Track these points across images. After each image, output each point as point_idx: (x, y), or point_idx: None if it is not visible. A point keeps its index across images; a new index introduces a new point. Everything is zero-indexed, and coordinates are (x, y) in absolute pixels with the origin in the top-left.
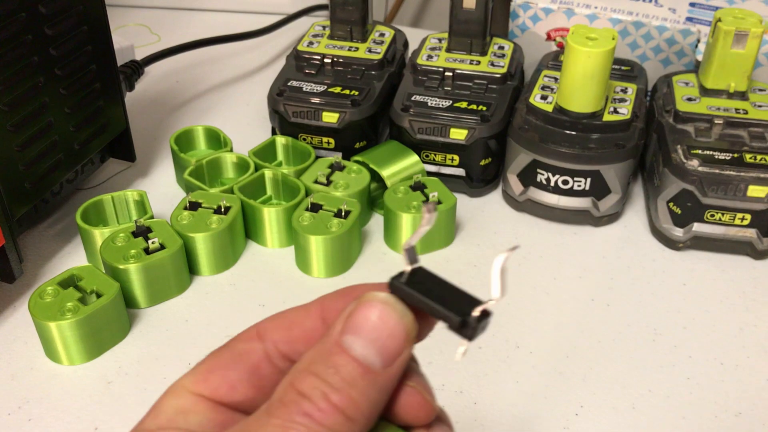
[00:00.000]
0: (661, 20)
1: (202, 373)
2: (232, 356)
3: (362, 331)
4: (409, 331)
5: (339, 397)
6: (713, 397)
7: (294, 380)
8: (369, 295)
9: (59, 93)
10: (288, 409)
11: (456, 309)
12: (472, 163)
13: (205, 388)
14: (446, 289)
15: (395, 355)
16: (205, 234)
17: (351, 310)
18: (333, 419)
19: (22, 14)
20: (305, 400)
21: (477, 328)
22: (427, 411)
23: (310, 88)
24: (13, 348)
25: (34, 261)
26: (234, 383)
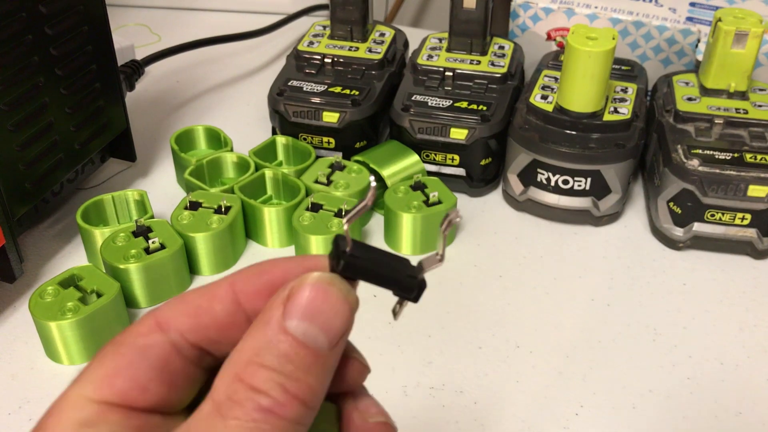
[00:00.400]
0: (661, 20)
1: (105, 378)
2: (136, 353)
3: (307, 313)
4: (353, 308)
5: (297, 387)
6: (713, 396)
7: (242, 374)
8: (310, 275)
9: (59, 93)
10: (244, 407)
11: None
12: (473, 163)
13: (112, 394)
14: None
15: (341, 335)
16: (205, 234)
17: (291, 292)
18: (295, 411)
19: (22, 14)
20: (261, 396)
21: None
22: (364, 374)
23: (310, 87)
24: (13, 348)
25: (34, 261)
26: (144, 384)
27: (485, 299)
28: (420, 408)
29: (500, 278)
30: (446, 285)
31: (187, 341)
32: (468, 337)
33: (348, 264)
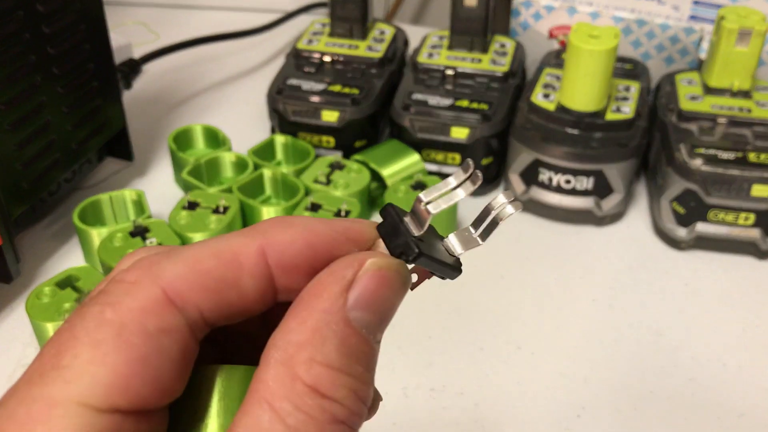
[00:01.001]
0: (664, 18)
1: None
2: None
3: (374, 306)
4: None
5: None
6: (716, 398)
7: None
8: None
9: (57, 92)
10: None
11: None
12: (474, 163)
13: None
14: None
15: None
16: (203, 234)
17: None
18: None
19: (19, 12)
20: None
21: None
22: None
23: (309, 86)
24: (10, 349)
25: (31, 261)
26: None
27: (486, 300)
28: (420, 409)
29: (502, 279)
30: (447, 285)
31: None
32: (469, 339)
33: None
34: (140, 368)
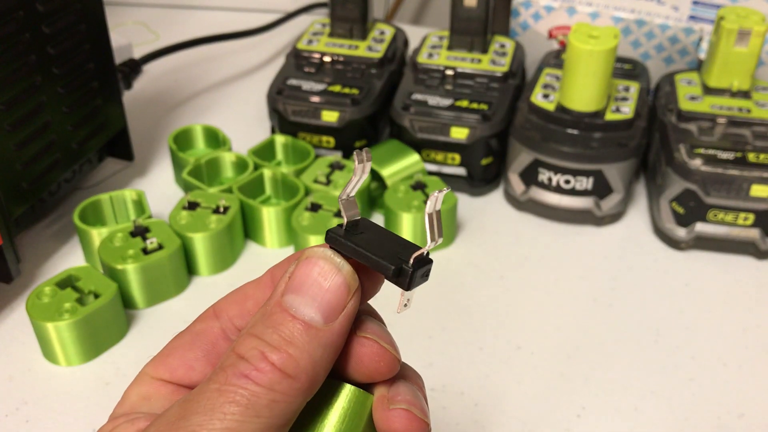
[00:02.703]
0: (663, 18)
1: (161, 358)
2: (191, 337)
3: (301, 288)
4: (350, 284)
5: (277, 356)
6: (716, 398)
7: (235, 345)
8: (307, 252)
9: (57, 92)
10: (226, 372)
11: (392, 258)
12: (473, 163)
13: (165, 372)
14: (386, 237)
15: (338, 310)
16: (203, 234)
17: (292, 269)
18: (270, 377)
19: (19, 12)
20: (243, 362)
21: (414, 277)
22: (388, 361)
23: (309, 86)
24: (10, 349)
25: (31, 261)
26: (191, 363)
27: (486, 300)
28: None
29: (501, 279)
30: (447, 285)
31: (235, 326)
32: (469, 339)
33: (331, 238)
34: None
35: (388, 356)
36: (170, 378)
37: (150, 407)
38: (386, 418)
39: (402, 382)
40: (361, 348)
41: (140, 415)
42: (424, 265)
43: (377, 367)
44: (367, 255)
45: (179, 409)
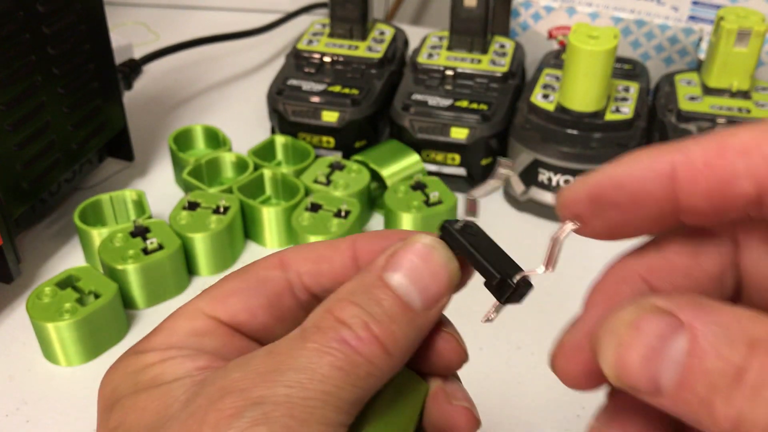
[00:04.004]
0: (663, 18)
1: (220, 297)
2: (253, 281)
3: (406, 269)
4: (452, 277)
5: (380, 329)
6: None
7: (332, 308)
8: (417, 236)
9: (57, 92)
10: (325, 334)
11: (499, 268)
12: (473, 163)
13: (224, 312)
14: (495, 249)
15: (436, 299)
16: (203, 234)
17: (395, 248)
18: (371, 349)
19: (20, 12)
20: (344, 327)
21: (514, 293)
22: (461, 357)
23: (309, 87)
24: (10, 349)
25: (32, 261)
26: (253, 309)
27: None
28: None
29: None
30: None
31: (303, 283)
32: (468, 339)
33: (447, 232)
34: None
35: (462, 354)
36: (229, 320)
37: (200, 345)
38: (447, 411)
39: (456, 381)
40: (443, 342)
41: (195, 352)
42: (525, 287)
43: (452, 362)
44: (477, 257)
45: (266, 360)
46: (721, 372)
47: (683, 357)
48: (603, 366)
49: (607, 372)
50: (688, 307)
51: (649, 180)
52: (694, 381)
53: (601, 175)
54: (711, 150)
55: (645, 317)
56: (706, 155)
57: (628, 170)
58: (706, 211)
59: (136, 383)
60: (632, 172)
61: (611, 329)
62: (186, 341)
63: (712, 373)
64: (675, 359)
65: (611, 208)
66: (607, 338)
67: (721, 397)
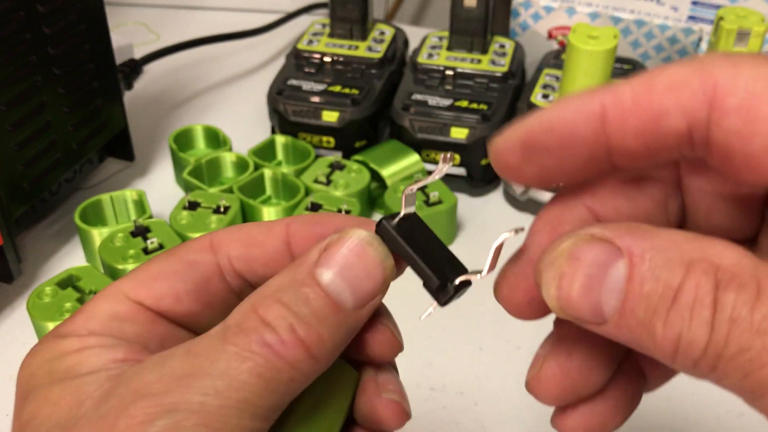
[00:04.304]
0: (663, 19)
1: (144, 280)
2: (181, 265)
3: (339, 266)
4: (387, 276)
5: (306, 332)
6: (715, 397)
7: (257, 305)
8: (352, 231)
9: (57, 92)
10: (247, 336)
11: (438, 270)
12: (473, 163)
13: (147, 296)
14: (434, 244)
15: (369, 298)
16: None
17: (330, 241)
18: (295, 354)
19: (20, 12)
20: (268, 329)
21: (453, 296)
22: (394, 348)
23: (309, 86)
24: (11, 349)
25: (32, 261)
26: (180, 294)
27: (486, 300)
28: (420, 409)
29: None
30: None
31: (234, 268)
32: (469, 338)
33: (383, 229)
34: (165, 277)
35: (396, 345)
36: (152, 305)
37: (123, 331)
38: (375, 403)
39: (389, 370)
40: (376, 333)
41: (114, 342)
42: (464, 287)
43: (384, 354)
44: (415, 259)
45: (184, 362)
46: (659, 295)
47: (623, 283)
48: (546, 299)
49: (551, 304)
50: (625, 233)
51: (580, 122)
52: (635, 306)
53: (531, 121)
54: (640, 87)
55: (583, 247)
56: (635, 93)
57: (558, 113)
58: (638, 151)
59: (51, 372)
60: (562, 115)
61: (550, 262)
62: (106, 326)
63: (651, 297)
64: (615, 286)
65: (543, 153)
66: (548, 271)
67: (660, 319)
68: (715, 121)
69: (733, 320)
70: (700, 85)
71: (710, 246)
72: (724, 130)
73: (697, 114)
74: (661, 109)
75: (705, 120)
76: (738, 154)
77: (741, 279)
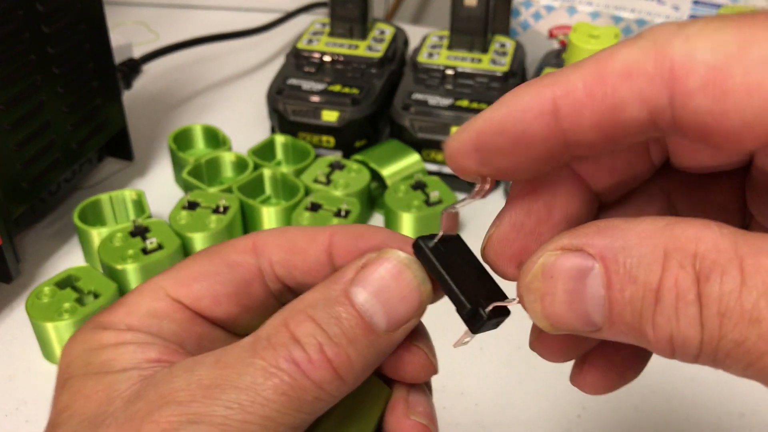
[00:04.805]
0: (664, 18)
1: (186, 278)
2: (223, 265)
3: (375, 287)
4: (424, 301)
5: (335, 352)
6: (716, 398)
7: (289, 320)
8: (391, 252)
9: (57, 91)
10: (276, 352)
11: (472, 295)
12: None
13: (186, 295)
14: (474, 268)
15: (402, 321)
16: (203, 234)
17: (367, 260)
18: (322, 375)
19: (19, 12)
20: (297, 347)
21: (486, 324)
22: (428, 371)
23: (309, 86)
24: (10, 349)
25: (31, 261)
26: (219, 296)
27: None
28: None
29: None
30: None
31: (275, 273)
32: None
33: (419, 249)
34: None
35: (430, 368)
36: (191, 304)
37: (160, 329)
38: (402, 424)
39: (422, 391)
40: (410, 355)
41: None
42: (500, 315)
43: (417, 375)
44: (449, 283)
45: (212, 371)
46: (641, 298)
47: (603, 291)
48: (535, 321)
49: (541, 325)
50: (594, 237)
51: (531, 120)
52: (621, 312)
53: (480, 122)
54: (591, 77)
55: (555, 263)
56: (587, 84)
57: (508, 112)
58: (598, 142)
59: (87, 363)
60: (511, 114)
61: (527, 286)
62: (144, 322)
63: (634, 301)
64: (597, 295)
65: (497, 154)
66: (528, 296)
67: (648, 322)
68: (680, 105)
69: (722, 314)
70: (655, 69)
71: (684, 231)
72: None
73: (657, 101)
74: (616, 101)
75: (667, 105)
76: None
77: (722, 264)
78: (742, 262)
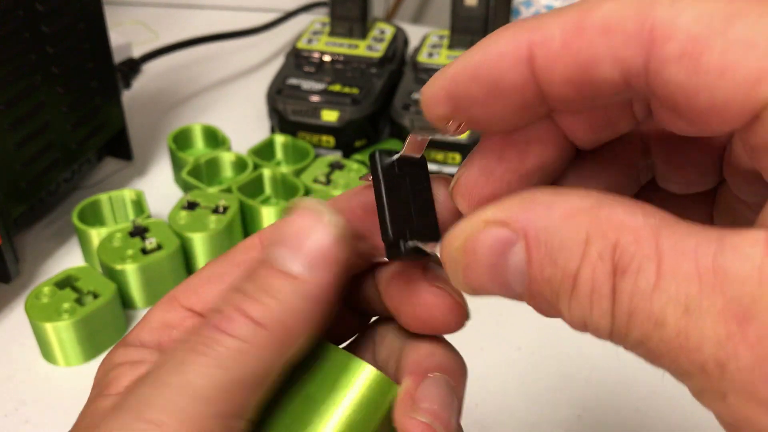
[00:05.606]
0: None
1: (195, 285)
2: (230, 267)
3: (284, 239)
4: (337, 234)
5: (250, 305)
6: None
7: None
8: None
9: (56, 91)
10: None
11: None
12: None
13: (197, 302)
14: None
15: (323, 259)
16: (203, 234)
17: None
18: (240, 327)
19: (19, 12)
20: (217, 314)
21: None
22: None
23: (309, 86)
24: (9, 349)
25: (30, 261)
26: None
27: (486, 300)
28: None
29: None
30: None
31: None
32: (469, 339)
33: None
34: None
35: (459, 310)
36: (201, 310)
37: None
38: (405, 424)
39: (433, 382)
40: (433, 298)
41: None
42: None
43: (446, 322)
44: (383, 205)
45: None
46: (559, 281)
47: (524, 266)
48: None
49: (463, 290)
50: (519, 211)
51: (505, 67)
52: (540, 290)
53: (455, 68)
54: (569, 27)
55: (478, 238)
56: (565, 34)
57: (482, 57)
58: (571, 98)
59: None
60: (486, 60)
61: (450, 254)
62: (155, 334)
63: (552, 282)
64: (518, 269)
65: (471, 103)
66: (450, 266)
67: (564, 304)
68: (653, 71)
69: (631, 312)
70: (635, 28)
71: (609, 216)
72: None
73: (631, 63)
74: (589, 57)
75: (641, 69)
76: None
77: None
78: (661, 260)
